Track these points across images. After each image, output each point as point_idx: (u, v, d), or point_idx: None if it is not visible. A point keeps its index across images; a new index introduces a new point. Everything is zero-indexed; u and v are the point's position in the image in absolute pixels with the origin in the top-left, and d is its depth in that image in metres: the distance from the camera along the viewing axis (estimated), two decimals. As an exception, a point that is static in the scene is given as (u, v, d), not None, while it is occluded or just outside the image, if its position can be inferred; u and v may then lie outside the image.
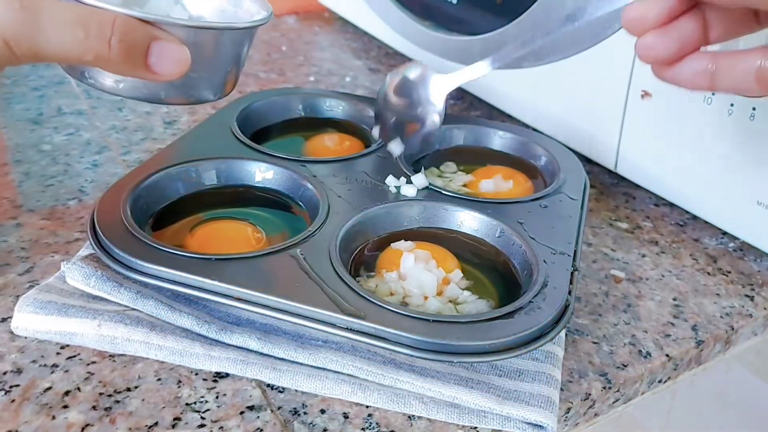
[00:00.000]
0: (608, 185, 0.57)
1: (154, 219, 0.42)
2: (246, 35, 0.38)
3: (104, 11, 0.30)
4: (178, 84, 0.35)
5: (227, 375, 0.35)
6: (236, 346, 0.36)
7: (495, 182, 0.49)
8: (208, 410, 0.33)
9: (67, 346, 0.36)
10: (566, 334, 0.40)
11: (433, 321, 0.34)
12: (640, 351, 0.40)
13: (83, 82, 0.35)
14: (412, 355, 0.33)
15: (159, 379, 0.35)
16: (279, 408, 0.34)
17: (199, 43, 0.34)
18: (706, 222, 0.52)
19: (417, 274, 0.39)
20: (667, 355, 0.40)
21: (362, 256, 0.41)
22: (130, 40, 0.30)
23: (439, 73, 0.43)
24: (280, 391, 0.35)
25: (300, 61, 0.78)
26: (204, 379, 0.35)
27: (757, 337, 0.45)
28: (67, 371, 0.35)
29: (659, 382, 0.40)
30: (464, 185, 0.49)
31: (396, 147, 0.44)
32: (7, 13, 0.28)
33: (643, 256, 0.48)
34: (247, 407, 0.34)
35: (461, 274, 0.40)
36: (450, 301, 0.38)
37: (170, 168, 0.44)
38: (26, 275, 0.41)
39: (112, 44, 0.30)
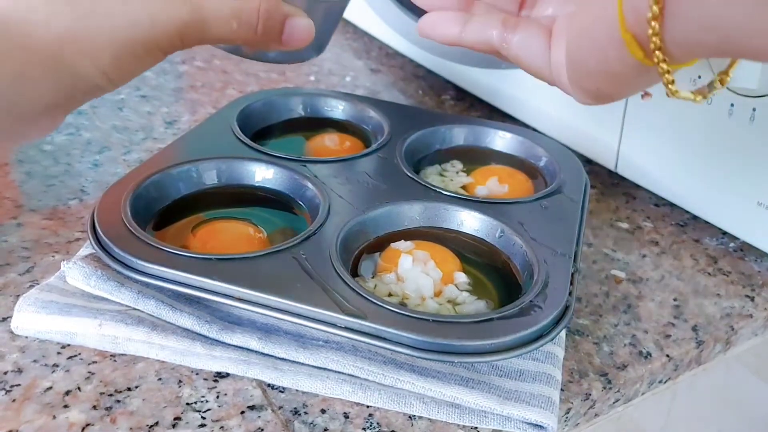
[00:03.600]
0: (608, 185, 0.57)
1: (154, 219, 0.42)
2: (346, 3, 0.43)
3: None
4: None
5: (228, 375, 0.35)
6: (237, 346, 0.36)
7: (490, 188, 0.49)
8: (208, 410, 0.33)
9: (68, 345, 0.36)
10: (567, 335, 0.40)
11: (434, 321, 0.34)
12: (640, 351, 0.40)
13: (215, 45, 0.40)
14: (412, 355, 0.33)
15: (160, 379, 0.35)
16: (280, 408, 0.34)
17: (317, 12, 0.39)
18: (707, 222, 0.52)
19: (414, 277, 0.39)
20: (668, 356, 0.40)
21: (363, 256, 0.41)
22: (270, 24, 0.36)
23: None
24: (281, 391, 0.35)
25: (300, 61, 0.78)
26: (205, 379, 0.35)
27: (757, 338, 0.45)
28: (68, 371, 0.35)
29: (659, 382, 0.40)
30: (462, 187, 0.49)
31: None
32: (183, 13, 0.34)
33: (644, 256, 0.48)
34: (248, 407, 0.34)
35: (462, 275, 0.40)
36: (449, 302, 0.38)
37: (171, 168, 0.45)
38: (27, 275, 0.41)
39: (258, 30, 0.36)
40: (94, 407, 0.33)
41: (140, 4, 0.33)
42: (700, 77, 0.47)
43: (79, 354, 0.36)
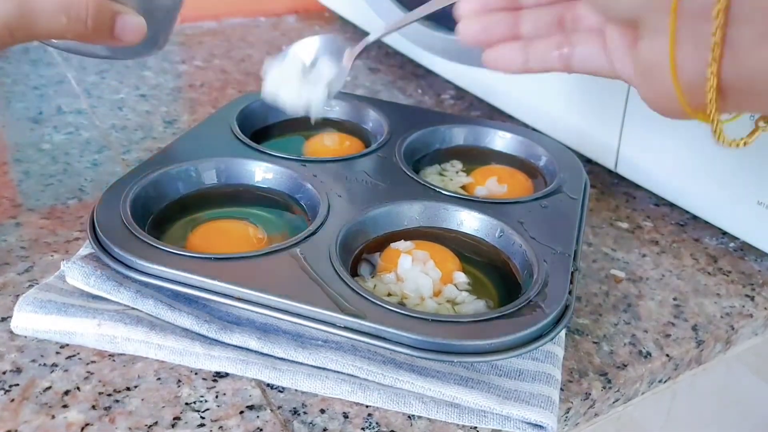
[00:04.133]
0: (608, 185, 0.57)
1: (154, 218, 0.42)
2: (180, 2, 0.45)
3: None
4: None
5: (227, 374, 0.35)
6: (236, 346, 0.36)
7: (489, 187, 0.49)
8: (207, 410, 0.33)
9: (67, 345, 0.36)
10: (566, 334, 0.40)
11: (434, 321, 0.34)
12: (640, 351, 0.40)
13: (51, 45, 0.43)
14: (412, 355, 0.33)
15: (159, 379, 0.35)
16: (279, 407, 0.34)
17: (150, 9, 0.41)
18: (707, 222, 0.52)
19: (414, 277, 0.39)
20: (668, 355, 0.40)
21: (362, 256, 0.41)
22: (100, 19, 0.37)
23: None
24: (280, 391, 0.35)
25: (300, 60, 0.77)
26: (204, 379, 0.35)
27: (757, 337, 0.45)
28: (66, 371, 0.35)
29: (659, 382, 0.40)
30: (462, 187, 0.49)
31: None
32: (9, 8, 0.34)
33: (644, 255, 0.48)
34: (247, 407, 0.34)
35: (461, 274, 0.40)
36: (448, 302, 0.38)
37: (170, 167, 0.44)
38: (26, 274, 0.41)
39: (88, 24, 0.37)
40: (93, 407, 0.33)
41: None
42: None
43: (78, 354, 0.36)
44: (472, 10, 0.36)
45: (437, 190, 0.46)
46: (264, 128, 0.55)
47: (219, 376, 0.35)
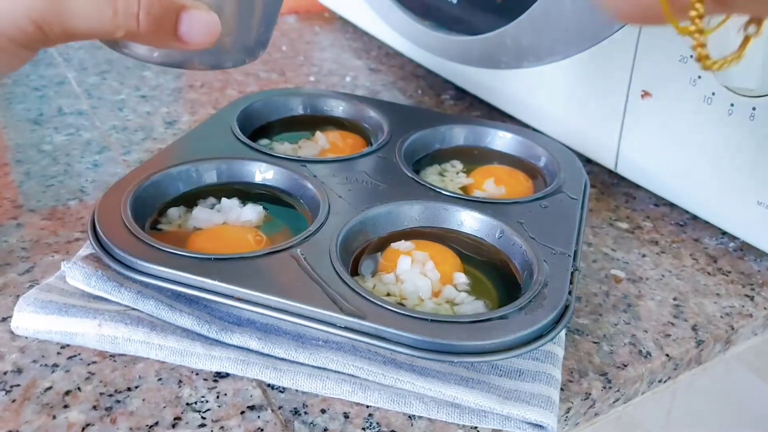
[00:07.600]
0: (608, 185, 0.57)
1: (154, 219, 0.42)
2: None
3: None
4: (210, 50, 0.33)
5: (228, 375, 0.35)
6: (237, 346, 0.36)
7: (489, 188, 0.49)
8: (208, 410, 0.33)
9: (68, 345, 0.36)
10: (566, 334, 0.40)
11: (434, 321, 0.34)
12: (640, 351, 0.40)
13: (119, 51, 0.34)
14: (412, 355, 0.33)
15: (160, 379, 0.35)
16: (280, 408, 0.34)
17: (227, 6, 0.33)
18: (706, 222, 0.52)
19: (412, 278, 0.39)
20: (667, 355, 0.40)
21: (363, 256, 0.41)
22: (158, 13, 0.30)
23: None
24: (280, 391, 0.35)
25: (300, 61, 0.78)
26: (204, 379, 0.35)
27: (757, 337, 0.45)
28: (67, 371, 0.35)
29: (659, 381, 0.40)
30: (462, 188, 0.49)
31: None
32: (37, 1, 0.28)
33: (644, 256, 0.48)
34: (248, 407, 0.34)
35: (461, 275, 0.40)
36: (447, 302, 0.38)
37: (171, 168, 0.45)
38: (26, 275, 0.41)
39: (141, 19, 0.29)
40: (94, 407, 0.33)
41: None
42: (700, 77, 0.47)
43: (79, 354, 0.36)
44: None
45: (437, 190, 0.46)
46: (264, 128, 0.55)
47: (220, 376, 0.35)
